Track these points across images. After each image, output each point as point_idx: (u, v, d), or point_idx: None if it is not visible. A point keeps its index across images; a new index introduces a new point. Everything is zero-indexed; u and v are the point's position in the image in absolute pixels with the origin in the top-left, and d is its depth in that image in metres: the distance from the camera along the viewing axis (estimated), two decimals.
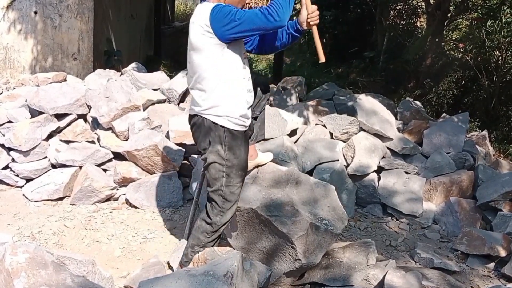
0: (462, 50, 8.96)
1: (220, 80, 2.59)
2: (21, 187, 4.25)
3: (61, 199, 4.13)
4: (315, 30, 2.75)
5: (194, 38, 2.55)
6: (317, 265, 2.88)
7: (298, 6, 15.31)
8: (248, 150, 2.84)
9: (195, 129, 2.75)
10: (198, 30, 2.52)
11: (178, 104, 5.06)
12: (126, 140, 4.35)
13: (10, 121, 4.46)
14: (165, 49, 11.61)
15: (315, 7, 2.67)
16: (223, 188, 2.71)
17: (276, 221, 2.76)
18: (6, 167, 4.30)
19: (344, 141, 4.63)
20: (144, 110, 4.61)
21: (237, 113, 2.64)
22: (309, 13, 2.67)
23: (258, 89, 2.95)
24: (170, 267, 3.11)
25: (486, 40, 7.76)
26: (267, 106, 4.77)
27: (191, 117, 2.79)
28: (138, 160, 4.16)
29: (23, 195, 4.14)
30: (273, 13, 2.40)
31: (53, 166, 4.32)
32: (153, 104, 4.82)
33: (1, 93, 5.21)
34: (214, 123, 2.63)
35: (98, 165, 4.28)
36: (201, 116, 2.67)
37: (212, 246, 2.84)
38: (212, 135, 2.65)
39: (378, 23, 10.68)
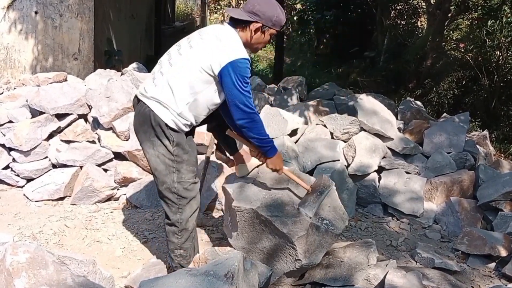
0: (462, 50, 8.96)
1: (193, 96, 2.59)
2: (22, 187, 4.25)
3: (61, 199, 4.13)
4: (287, 173, 2.83)
5: (211, 56, 2.51)
6: (317, 265, 2.88)
7: (298, 6, 15.32)
8: (196, 146, 2.85)
9: (139, 118, 2.69)
10: (214, 60, 2.49)
11: None
12: (127, 140, 4.35)
13: (10, 121, 4.46)
14: (166, 49, 11.53)
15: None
16: (175, 184, 2.70)
17: (277, 221, 2.75)
18: (7, 167, 4.31)
19: (344, 141, 4.62)
20: None
21: (184, 122, 2.65)
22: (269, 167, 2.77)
23: None
24: (170, 267, 3.11)
25: (487, 40, 7.76)
26: (267, 106, 4.78)
27: (138, 100, 2.73)
28: (138, 160, 4.16)
29: (24, 195, 4.14)
30: (250, 124, 2.55)
31: (54, 166, 4.32)
32: None
33: (2, 93, 5.21)
34: (160, 118, 2.60)
35: (99, 165, 4.28)
36: (148, 108, 2.62)
37: (190, 244, 2.86)
38: (158, 130, 2.62)
39: (379, 23, 10.69)
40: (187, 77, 2.56)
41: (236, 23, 2.62)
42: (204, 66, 2.52)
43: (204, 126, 3.08)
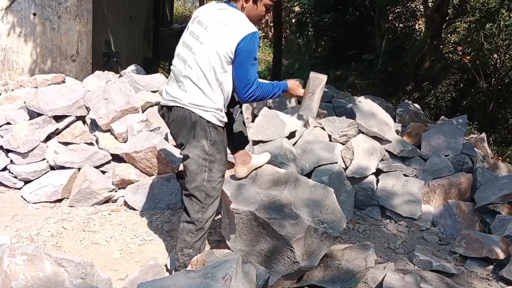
0: (460, 53, 9.00)
1: (219, 88, 2.63)
2: (20, 188, 4.24)
3: (59, 201, 4.12)
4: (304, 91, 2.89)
5: (222, 44, 2.53)
6: (316, 267, 2.88)
7: (297, 8, 15.33)
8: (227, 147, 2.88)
9: (178, 122, 2.70)
10: (226, 47, 2.52)
11: None
12: (125, 142, 4.35)
13: (8, 123, 4.45)
14: (164, 51, 11.61)
15: None
16: (205, 183, 2.72)
17: (275, 224, 2.75)
18: (5, 169, 4.30)
19: (342, 144, 4.63)
20: (143, 112, 4.60)
21: (222, 111, 2.70)
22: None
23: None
24: (168, 270, 3.11)
25: (485, 43, 7.79)
26: (265, 108, 4.79)
27: (168, 107, 2.75)
28: (136, 162, 4.15)
29: (22, 196, 4.13)
30: (255, 93, 2.59)
31: (52, 168, 4.31)
32: (152, 106, 4.81)
33: (0, 95, 5.21)
34: (200, 117, 2.63)
35: (97, 167, 4.27)
36: (187, 110, 2.64)
37: (201, 244, 2.86)
38: (198, 129, 2.65)
39: (377, 25, 10.71)
40: (211, 73, 2.58)
41: None
42: (222, 57, 2.54)
43: None
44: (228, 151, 3.11)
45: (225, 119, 2.75)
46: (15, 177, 4.25)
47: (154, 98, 4.87)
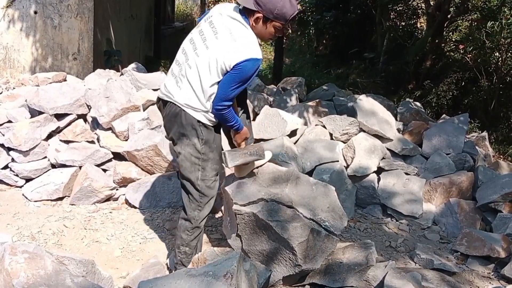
0: (462, 51, 8.97)
1: (213, 94, 2.62)
2: (21, 187, 4.24)
3: (60, 199, 4.13)
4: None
5: (225, 57, 2.50)
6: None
7: (298, 7, 15.28)
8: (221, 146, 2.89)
9: (170, 118, 2.73)
10: (228, 61, 2.50)
11: None
12: (126, 140, 4.35)
13: (10, 121, 4.46)
14: (165, 50, 11.61)
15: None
16: (199, 182, 2.75)
17: (277, 227, 2.75)
18: (6, 167, 4.30)
19: (344, 142, 4.62)
20: (144, 111, 4.60)
21: (213, 117, 2.70)
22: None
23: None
24: (168, 268, 3.11)
25: (486, 41, 7.76)
26: (266, 106, 4.79)
27: (164, 101, 2.77)
28: (137, 160, 4.15)
29: (23, 195, 4.13)
30: (224, 111, 2.59)
31: (53, 166, 4.32)
32: (153, 104, 4.82)
33: (1, 93, 5.21)
34: (191, 116, 2.65)
35: (98, 165, 4.27)
36: (179, 107, 2.66)
37: (197, 243, 2.88)
38: (188, 128, 2.67)
39: (378, 24, 10.70)
40: (207, 78, 2.57)
41: (244, 8, 2.57)
42: (220, 68, 2.53)
43: None
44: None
45: (216, 120, 2.74)
46: (17, 175, 4.26)
47: (155, 96, 4.84)
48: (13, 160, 4.28)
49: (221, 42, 2.53)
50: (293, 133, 4.58)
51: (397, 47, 10.17)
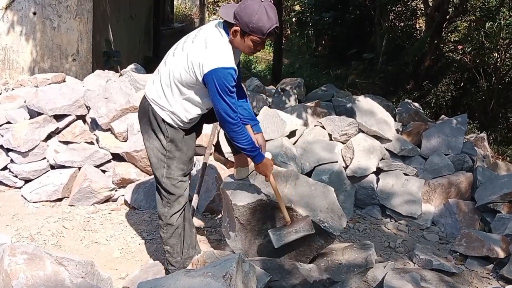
0: (460, 52, 8.98)
1: (181, 98, 2.64)
2: (20, 188, 4.24)
3: (59, 200, 4.12)
4: (273, 185, 2.76)
5: (194, 64, 2.50)
6: (316, 266, 2.88)
7: (297, 7, 15.31)
8: (194, 146, 2.91)
9: (141, 110, 2.80)
10: (196, 68, 2.50)
11: None
12: (125, 141, 4.35)
13: (9, 122, 4.46)
14: (164, 50, 11.55)
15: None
16: (164, 179, 2.77)
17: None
18: (5, 168, 4.30)
19: (343, 143, 4.63)
20: None
21: (179, 119, 2.70)
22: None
23: None
24: (165, 269, 3.11)
25: (485, 42, 7.77)
26: (265, 107, 4.79)
27: (144, 96, 2.82)
28: (137, 161, 4.15)
29: (22, 196, 4.13)
30: (232, 134, 2.56)
31: (52, 167, 4.32)
32: None
33: (0, 94, 5.21)
34: (157, 113, 2.69)
35: (97, 166, 4.27)
36: (148, 102, 2.72)
37: (177, 241, 2.88)
38: (155, 124, 2.71)
39: (377, 25, 10.70)
40: (176, 78, 2.60)
41: (225, 21, 2.57)
42: (189, 71, 2.53)
43: (209, 128, 3.09)
44: (229, 150, 3.12)
45: (182, 125, 2.73)
46: (16, 176, 4.26)
47: None
48: (12, 161, 4.28)
49: (195, 46, 2.55)
50: (292, 134, 4.59)
51: (396, 48, 10.18)
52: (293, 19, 14.60)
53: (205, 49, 2.50)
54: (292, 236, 2.68)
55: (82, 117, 4.59)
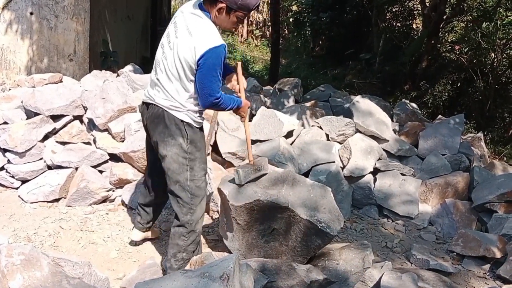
0: (457, 52, 9.01)
1: (188, 94, 2.64)
2: (17, 188, 4.23)
3: (57, 200, 4.11)
4: (246, 126, 2.98)
5: (185, 55, 2.53)
6: (314, 267, 2.89)
7: (294, 8, 15.31)
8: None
9: (153, 119, 2.74)
10: (189, 58, 2.52)
11: None
12: (122, 141, 4.34)
13: (5, 122, 4.44)
14: None
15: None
16: (188, 182, 2.73)
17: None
18: (2, 169, 4.29)
19: (340, 143, 4.63)
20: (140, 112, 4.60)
21: (197, 114, 2.72)
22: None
23: None
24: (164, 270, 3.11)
25: (482, 42, 7.80)
26: (263, 107, 4.79)
27: (147, 104, 2.79)
28: (134, 162, 4.15)
29: (19, 196, 4.12)
30: (216, 103, 2.61)
31: (49, 168, 4.31)
32: None
33: None
34: (174, 116, 2.67)
35: (94, 167, 4.26)
36: (161, 108, 2.68)
37: (194, 249, 2.85)
38: (173, 128, 2.68)
39: (374, 25, 10.72)
40: (176, 77, 2.60)
41: (205, 0, 2.60)
42: (184, 65, 2.55)
43: (206, 129, 3.08)
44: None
45: (201, 120, 2.77)
46: (12, 176, 4.24)
47: None
48: (9, 161, 4.27)
49: (180, 40, 2.56)
50: (289, 134, 4.59)
51: (393, 48, 10.20)
52: (291, 19, 14.62)
53: (191, 37, 2.52)
54: (256, 173, 2.98)
55: (79, 118, 4.58)
